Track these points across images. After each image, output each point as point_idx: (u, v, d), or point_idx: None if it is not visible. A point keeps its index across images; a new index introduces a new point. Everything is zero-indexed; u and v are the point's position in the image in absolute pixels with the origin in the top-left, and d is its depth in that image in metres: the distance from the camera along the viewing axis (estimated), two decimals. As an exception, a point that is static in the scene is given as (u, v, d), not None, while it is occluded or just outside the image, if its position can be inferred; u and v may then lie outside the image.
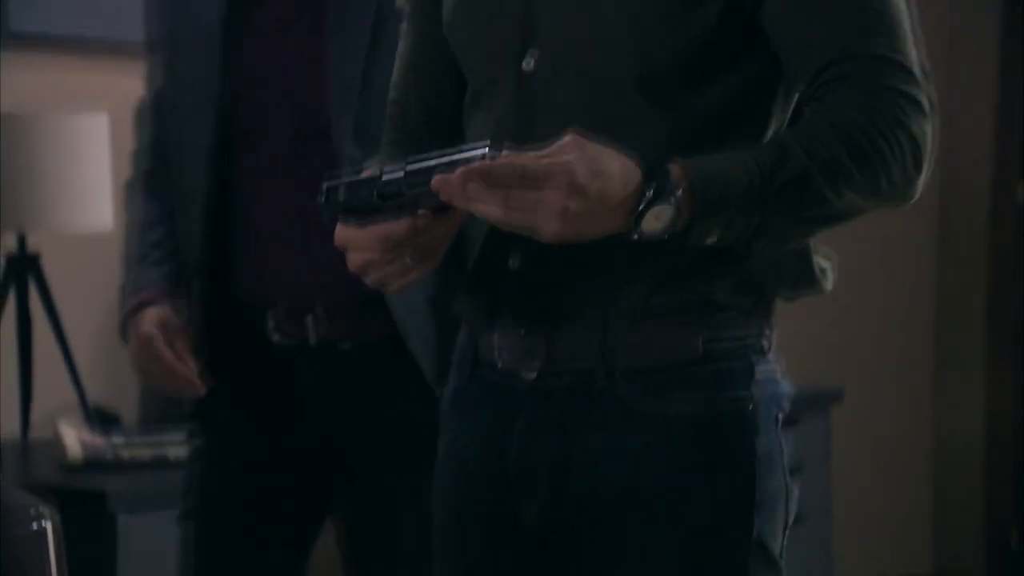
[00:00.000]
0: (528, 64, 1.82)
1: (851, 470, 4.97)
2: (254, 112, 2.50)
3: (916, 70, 1.74)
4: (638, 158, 1.65)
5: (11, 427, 3.60)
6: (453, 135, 1.93)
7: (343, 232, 1.76)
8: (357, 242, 1.74)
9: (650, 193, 1.64)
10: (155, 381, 2.52)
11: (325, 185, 1.73)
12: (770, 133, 1.82)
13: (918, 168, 1.73)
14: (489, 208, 1.61)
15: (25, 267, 3.63)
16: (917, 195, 1.75)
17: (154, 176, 2.60)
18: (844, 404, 4.56)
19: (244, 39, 2.51)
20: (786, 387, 1.87)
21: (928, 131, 1.73)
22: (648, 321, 1.80)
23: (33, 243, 3.63)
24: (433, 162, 1.65)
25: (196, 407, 2.59)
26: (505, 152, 1.62)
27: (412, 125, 2.00)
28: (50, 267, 3.62)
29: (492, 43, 1.86)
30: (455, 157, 1.63)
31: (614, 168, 1.63)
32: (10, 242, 3.63)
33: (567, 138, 1.63)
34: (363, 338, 2.46)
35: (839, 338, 5.07)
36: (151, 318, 2.49)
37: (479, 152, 1.62)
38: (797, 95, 1.81)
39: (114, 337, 2.61)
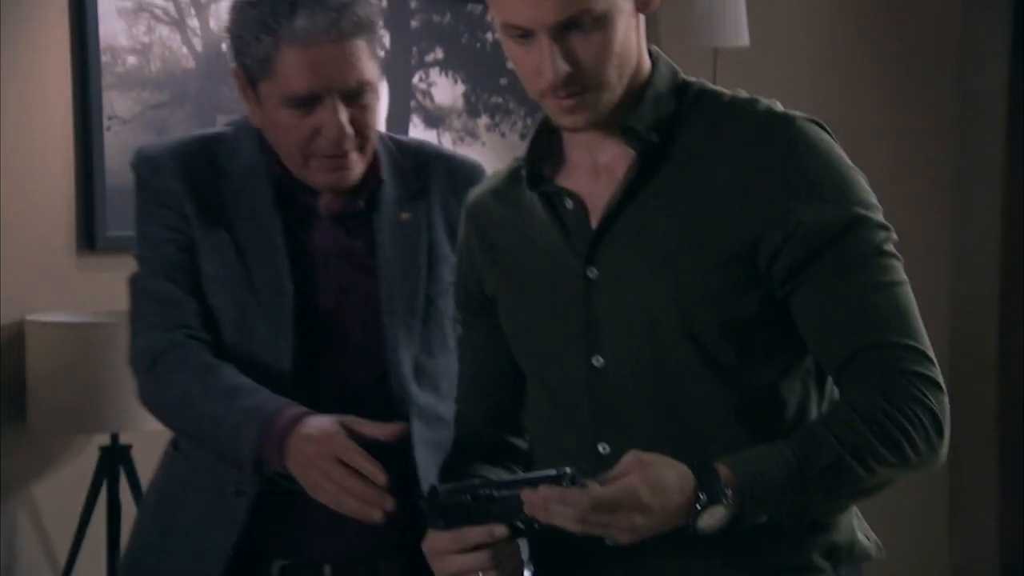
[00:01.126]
0: (598, 361, 2.01)
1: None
2: (310, 353, 2.34)
3: (929, 352, 1.96)
4: (689, 465, 1.85)
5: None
6: (514, 430, 2.17)
7: (431, 539, 1.96)
8: (443, 547, 1.95)
9: (704, 497, 1.85)
10: (338, 492, 2.16)
11: (431, 487, 1.99)
12: (814, 404, 2.02)
13: (940, 436, 1.96)
14: (567, 523, 1.82)
15: (116, 459, 3.71)
16: (944, 457, 1.97)
17: (208, 347, 2.36)
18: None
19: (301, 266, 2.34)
20: None
21: (945, 403, 1.96)
22: None
23: (125, 435, 3.70)
24: (522, 476, 1.92)
25: None
26: (582, 479, 1.83)
27: (477, 426, 2.20)
28: (140, 457, 3.64)
29: (561, 350, 2.04)
30: (537, 475, 1.88)
31: (672, 480, 1.84)
32: (104, 437, 3.72)
33: (628, 459, 1.84)
34: None
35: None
36: (324, 421, 2.18)
37: (559, 473, 1.84)
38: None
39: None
